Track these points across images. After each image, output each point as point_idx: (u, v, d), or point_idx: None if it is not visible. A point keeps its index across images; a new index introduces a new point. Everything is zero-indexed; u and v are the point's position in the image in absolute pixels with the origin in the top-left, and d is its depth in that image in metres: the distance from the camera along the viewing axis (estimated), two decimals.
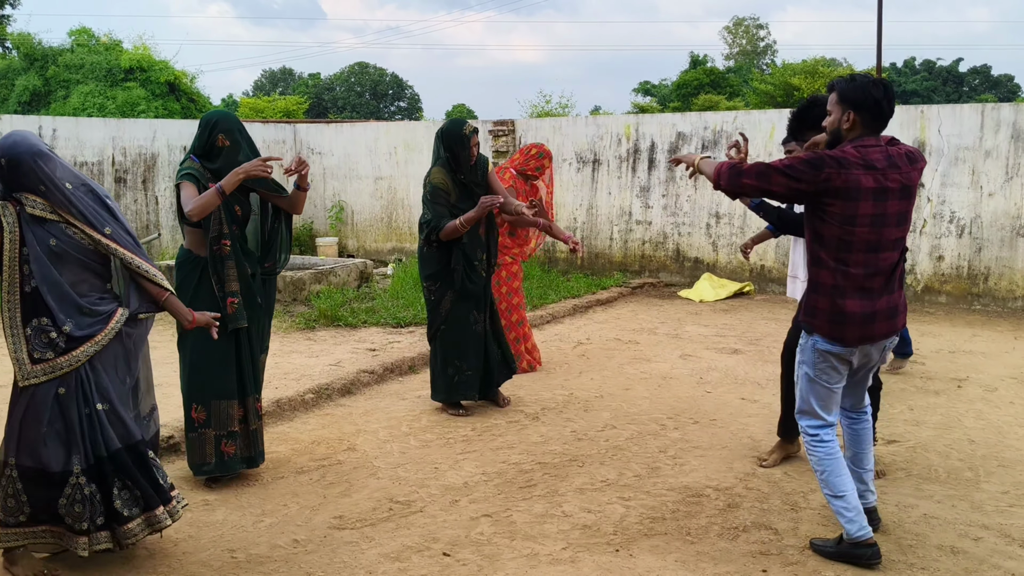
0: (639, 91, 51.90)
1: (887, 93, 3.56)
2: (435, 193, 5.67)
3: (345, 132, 14.47)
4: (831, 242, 3.55)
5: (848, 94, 3.58)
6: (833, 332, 3.61)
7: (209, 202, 4.22)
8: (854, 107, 3.57)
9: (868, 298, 3.58)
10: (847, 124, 3.60)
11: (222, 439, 4.52)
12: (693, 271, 11.44)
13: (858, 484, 3.91)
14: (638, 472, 4.82)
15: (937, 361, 7.36)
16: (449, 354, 5.84)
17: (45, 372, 3.49)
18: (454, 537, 3.99)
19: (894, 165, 3.53)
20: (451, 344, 5.83)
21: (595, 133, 11.97)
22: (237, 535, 4.02)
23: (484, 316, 5.92)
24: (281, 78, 68.44)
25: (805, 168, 3.49)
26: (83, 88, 26.33)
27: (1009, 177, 9.50)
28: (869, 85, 3.56)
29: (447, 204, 5.66)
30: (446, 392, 5.89)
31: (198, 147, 4.47)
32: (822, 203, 3.52)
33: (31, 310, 3.47)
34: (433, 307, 5.87)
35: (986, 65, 61.19)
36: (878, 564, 3.68)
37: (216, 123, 4.43)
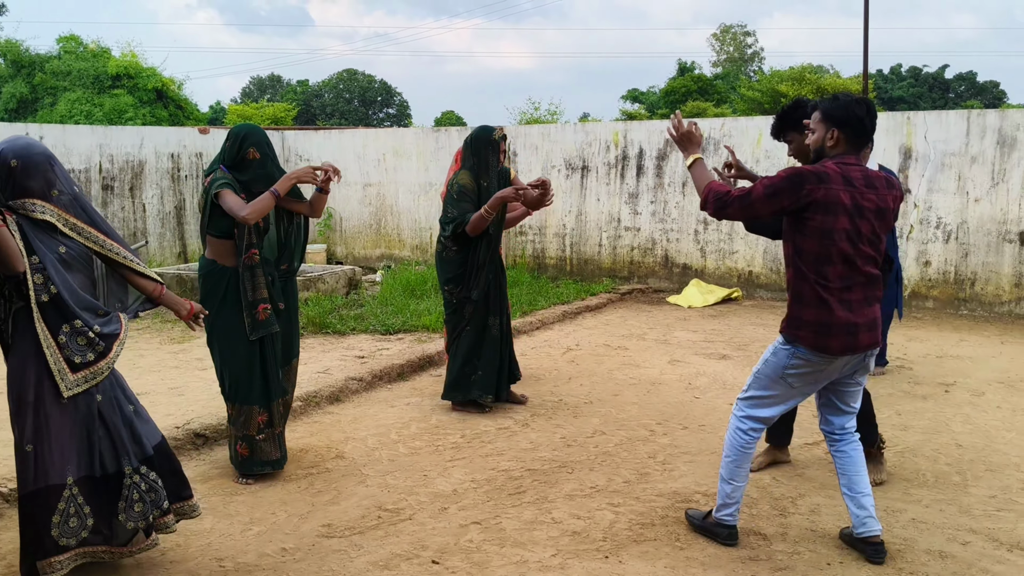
0: (627, 98, 52.05)
1: (869, 111, 3.68)
2: (461, 192, 5.84)
3: (333, 139, 14.46)
4: (810, 255, 3.62)
5: (832, 112, 3.68)
6: (818, 342, 3.64)
7: (267, 204, 4.46)
8: (838, 125, 3.67)
9: (849, 310, 3.64)
10: (831, 142, 3.69)
11: (239, 440, 4.69)
12: (681, 277, 11.46)
13: (858, 511, 3.84)
14: (627, 478, 4.82)
15: (924, 366, 7.39)
16: (469, 355, 5.99)
17: (87, 379, 3.40)
18: (443, 544, 3.98)
19: (871, 185, 3.63)
20: (470, 346, 5.98)
21: (584, 140, 11.99)
22: (225, 543, 3.99)
23: (500, 320, 6.05)
24: (269, 85, 68.36)
25: (786, 187, 3.57)
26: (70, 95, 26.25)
27: (995, 183, 9.56)
28: (852, 104, 3.67)
29: (473, 204, 5.82)
30: (464, 391, 6.03)
31: (228, 159, 4.61)
32: (803, 217, 3.60)
33: (57, 318, 3.35)
34: (455, 310, 6.00)
35: (972, 72, 61.68)
36: (734, 545, 3.94)
37: (246, 136, 4.62)
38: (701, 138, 4.00)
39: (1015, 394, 6.52)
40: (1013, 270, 9.55)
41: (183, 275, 10.20)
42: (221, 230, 4.54)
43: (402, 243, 13.67)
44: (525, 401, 6.29)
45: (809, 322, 3.65)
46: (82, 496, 3.44)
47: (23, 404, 3.36)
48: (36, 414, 3.36)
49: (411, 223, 13.56)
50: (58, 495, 3.38)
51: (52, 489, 3.37)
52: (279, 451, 4.80)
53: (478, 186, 5.89)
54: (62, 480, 3.39)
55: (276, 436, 4.77)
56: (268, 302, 4.60)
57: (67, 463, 3.40)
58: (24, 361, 3.35)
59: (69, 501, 3.40)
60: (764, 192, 3.61)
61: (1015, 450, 5.24)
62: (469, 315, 5.95)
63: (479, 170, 5.91)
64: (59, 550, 3.39)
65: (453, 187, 5.90)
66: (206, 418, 5.53)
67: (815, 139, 3.74)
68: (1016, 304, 9.58)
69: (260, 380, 4.66)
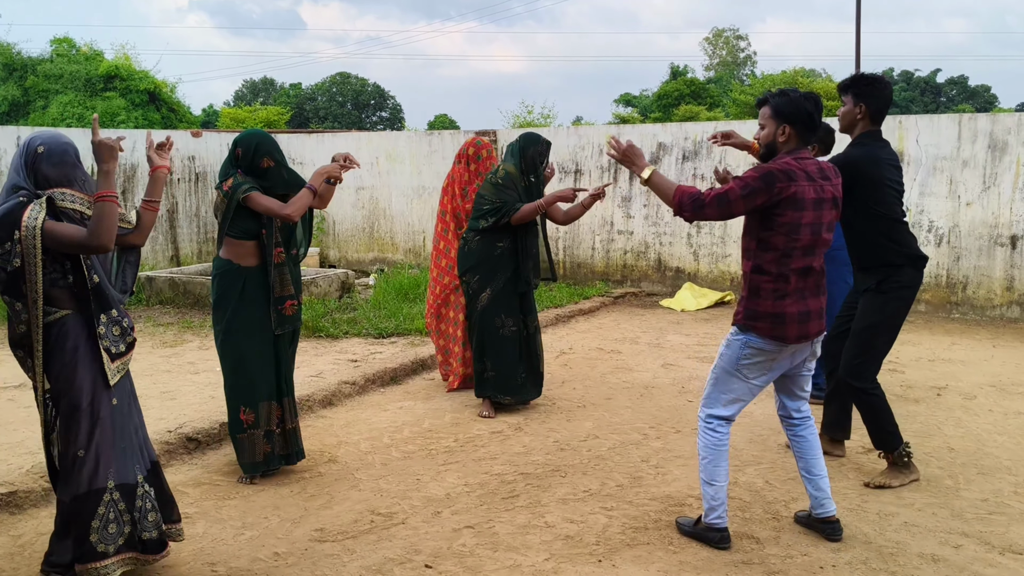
0: (620, 102, 52.11)
1: (817, 106, 3.82)
2: (507, 178, 5.98)
3: (326, 142, 14.44)
4: (776, 250, 3.76)
5: (783, 108, 3.80)
6: (775, 332, 3.78)
7: (307, 200, 4.64)
8: (789, 121, 3.78)
9: (803, 299, 3.81)
10: (783, 137, 3.81)
11: (263, 437, 4.74)
12: (675, 281, 11.48)
13: (816, 492, 4.05)
14: (621, 482, 4.82)
15: (916, 369, 7.41)
16: (477, 351, 6.10)
17: (119, 370, 3.47)
18: (436, 549, 3.98)
19: (825, 176, 3.81)
20: (479, 342, 6.07)
21: (577, 143, 12.00)
22: (217, 548, 3.98)
23: (519, 320, 6.11)
24: (262, 88, 68.24)
25: (760, 185, 3.68)
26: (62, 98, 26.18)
27: (986, 187, 9.59)
28: (802, 100, 3.79)
29: (517, 194, 5.95)
30: (481, 388, 6.14)
31: (243, 167, 4.69)
32: (772, 214, 3.72)
33: (98, 308, 3.40)
34: (470, 299, 6.12)
35: (963, 76, 61.88)
36: (727, 548, 3.93)
37: (258, 147, 4.69)
38: (642, 152, 4.12)
39: (1007, 398, 6.54)
40: (1004, 274, 9.59)
41: (175, 279, 10.17)
42: (244, 231, 4.64)
43: (395, 246, 13.65)
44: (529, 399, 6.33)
45: (766, 314, 3.80)
46: (123, 502, 3.49)
47: (76, 411, 3.37)
48: (91, 418, 3.40)
49: (404, 227, 13.55)
50: (98, 499, 3.42)
51: (96, 493, 3.42)
52: (290, 447, 4.86)
53: (522, 180, 6.02)
54: (103, 484, 3.44)
55: (289, 432, 4.84)
56: (294, 298, 4.75)
57: (109, 467, 3.45)
58: (72, 369, 3.36)
59: (109, 506, 3.45)
60: (741, 192, 3.70)
61: (1007, 454, 5.26)
62: (483, 307, 5.99)
63: (525, 168, 6.04)
64: (97, 556, 3.42)
65: (497, 175, 6.00)
66: (198, 422, 5.52)
67: (766, 134, 3.86)
68: (1007, 308, 9.61)
69: (275, 376, 4.76)
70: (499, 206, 5.88)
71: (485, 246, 5.98)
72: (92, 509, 3.42)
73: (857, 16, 26.63)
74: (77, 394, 3.37)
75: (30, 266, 3.25)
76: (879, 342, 4.71)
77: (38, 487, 4.52)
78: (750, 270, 3.85)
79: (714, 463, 3.95)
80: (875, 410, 4.70)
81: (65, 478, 3.43)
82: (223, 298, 4.69)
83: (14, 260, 3.23)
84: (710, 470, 3.95)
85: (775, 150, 3.85)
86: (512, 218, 5.87)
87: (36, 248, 3.23)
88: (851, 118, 4.74)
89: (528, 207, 5.87)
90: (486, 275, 5.98)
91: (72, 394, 3.37)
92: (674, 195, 3.84)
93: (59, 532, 3.48)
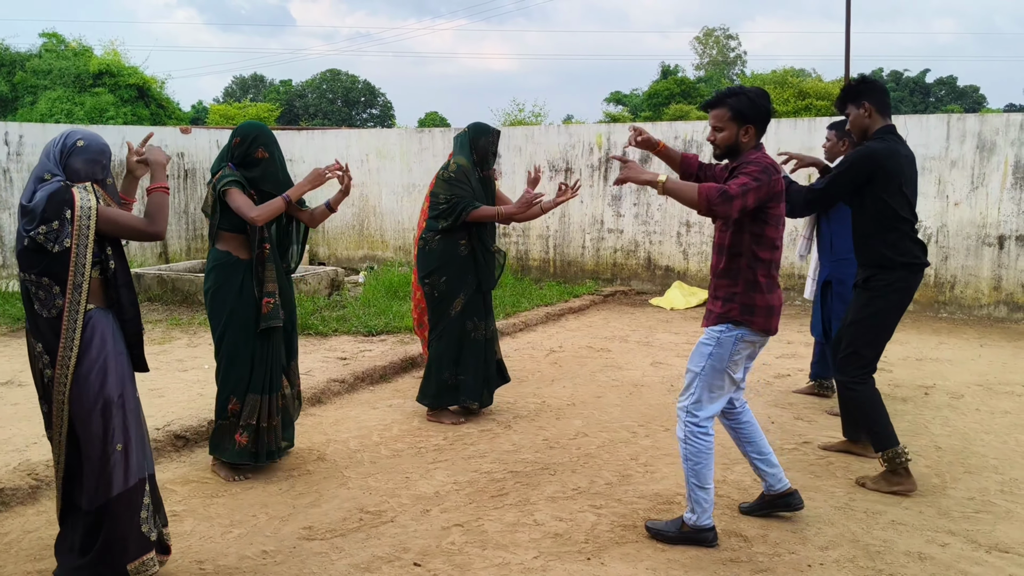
0: (611, 100, 52.14)
1: (770, 102, 3.94)
2: (459, 172, 5.72)
3: (316, 139, 14.41)
4: (768, 242, 3.85)
5: (745, 111, 3.85)
6: (767, 325, 3.89)
7: (276, 209, 4.60)
8: (752, 121, 3.86)
9: (777, 290, 3.97)
10: (746, 137, 3.89)
11: (244, 430, 4.72)
12: (664, 279, 11.50)
13: (771, 469, 4.19)
14: (609, 480, 4.83)
15: (904, 368, 7.44)
16: (445, 357, 5.81)
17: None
18: (425, 547, 3.97)
19: (778, 171, 3.89)
20: (449, 349, 5.80)
21: (567, 142, 12.01)
22: (205, 546, 3.97)
23: (484, 323, 5.89)
24: (252, 85, 68.02)
25: (765, 177, 3.75)
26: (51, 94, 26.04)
27: (975, 187, 9.64)
28: (760, 97, 3.88)
29: (471, 189, 5.70)
30: (434, 396, 5.84)
31: (236, 157, 4.72)
32: (766, 207, 3.80)
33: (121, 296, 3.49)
34: (437, 306, 5.80)
35: (952, 76, 62.11)
36: (717, 544, 3.96)
37: (256, 137, 4.71)
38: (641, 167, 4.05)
39: (994, 397, 6.57)
40: (992, 273, 9.64)
41: (163, 275, 10.13)
42: (234, 224, 4.66)
43: (385, 244, 13.64)
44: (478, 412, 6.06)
45: (761, 307, 3.87)
46: (149, 495, 3.51)
47: (109, 406, 3.36)
48: (123, 410, 3.41)
49: (394, 224, 13.54)
50: (143, 490, 3.45)
51: (139, 484, 3.44)
52: (275, 443, 4.84)
53: (475, 174, 5.79)
54: (142, 475, 3.46)
55: (274, 428, 4.82)
56: (273, 296, 4.72)
57: (142, 458, 3.48)
58: (103, 363, 3.36)
59: (148, 495, 3.49)
60: (754, 183, 3.72)
61: (993, 452, 5.29)
62: (456, 313, 5.77)
63: (477, 159, 5.81)
64: (147, 547, 3.44)
65: (448, 168, 5.76)
66: (186, 420, 5.50)
67: (725, 136, 3.90)
68: (995, 307, 9.66)
69: (265, 371, 4.75)
70: (455, 202, 5.65)
71: (448, 246, 5.73)
72: (139, 501, 3.42)
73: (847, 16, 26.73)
74: (111, 388, 3.37)
75: (81, 247, 3.25)
76: (861, 339, 4.71)
77: (25, 484, 4.49)
78: (745, 265, 3.86)
79: (707, 466, 3.91)
80: (857, 405, 4.73)
81: (97, 478, 3.36)
82: (222, 289, 4.68)
83: (64, 240, 3.22)
84: (704, 474, 3.91)
85: (738, 149, 3.90)
86: (469, 217, 5.64)
87: (90, 229, 3.25)
88: (861, 122, 4.74)
89: (485, 211, 5.64)
90: (456, 277, 5.74)
91: (106, 388, 3.35)
92: (699, 194, 3.71)
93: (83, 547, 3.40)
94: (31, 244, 3.22)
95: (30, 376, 3.55)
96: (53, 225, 3.20)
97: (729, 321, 3.90)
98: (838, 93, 4.90)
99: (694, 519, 3.95)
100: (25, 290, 3.34)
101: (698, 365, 3.93)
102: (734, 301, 3.89)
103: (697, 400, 3.94)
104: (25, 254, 3.26)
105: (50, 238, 3.20)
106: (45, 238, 3.20)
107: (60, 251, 3.22)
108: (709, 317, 3.98)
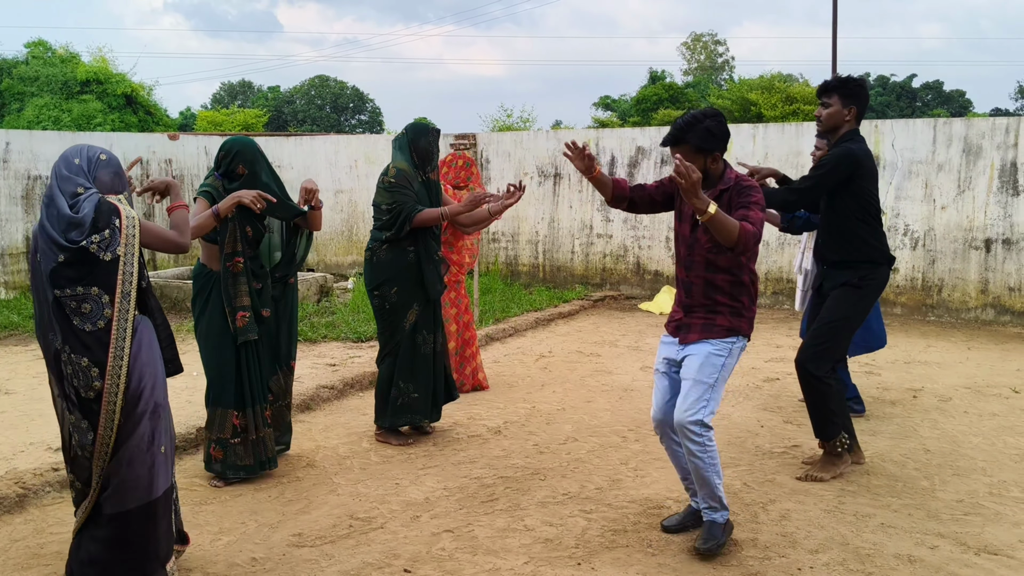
0: (599, 106, 52.15)
1: (724, 121, 3.93)
2: (399, 177, 5.34)
3: (305, 145, 14.38)
4: (754, 256, 4.00)
5: (711, 143, 3.83)
6: (750, 332, 4.05)
7: (203, 224, 4.50)
8: (718, 148, 3.88)
9: None
10: (715, 164, 3.90)
11: (212, 443, 4.75)
12: (653, 284, 11.52)
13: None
14: (600, 485, 4.82)
15: (892, 371, 7.46)
16: (399, 374, 5.47)
17: None
18: (415, 553, 3.96)
19: None
20: (402, 364, 5.46)
21: (556, 147, 12.02)
22: (194, 553, 3.95)
23: (433, 336, 5.56)
24: (240, 91, 67.86)
25: (763, 200, 3.87)
26: (38, 101, 25.92)
27: (961, 191, 9.69)
28: (719, 124, 3.85)
29: (413, 193, 5.36)
30: (392, 416, 5.51)
31: (222, 169, 4.76)
32: None
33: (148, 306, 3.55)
34: (388, 319, 5.46)
35: (938, 81, 62.38)
36: None
37: (237, 154, 4.73)
38: None
39: (982, 399, 6.60)
40: (979, 276, 9.69)
41: (152, 282, 10.08)
42: (207, 235, 4.65)
43: None
44: (431, 431, 5.75)
45: (752, 317, 4.03)
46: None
47: (158, 409, 3.45)
48: (167, 413, 3.54)
49: None
50: (175, 488, 3.60)
51: (174, 484, 3.59)
52: (253, 458, 4.78)
53: (417, 176, 5.44)
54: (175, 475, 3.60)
55: (251, 442, 4.76)
56: (248, 310, 4.69)
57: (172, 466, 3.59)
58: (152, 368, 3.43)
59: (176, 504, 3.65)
60: (762, 212, 3.81)
61: (982, 455, 5.31)
62: (410, 324, 5.44)
63: (420, 162, 5.45)
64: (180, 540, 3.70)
65: (388, 174, 5.38)
66: (175, 427, 5.46)
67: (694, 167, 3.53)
68: (982, 310, 9.71)
69: (235, 384, 4.72)
70: (397, 210, 5.30)
71: (396, 255, 5.39)
72: (173, 500, 3.58)
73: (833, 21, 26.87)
74: (159, 392, 3.45)
75: (129, 256, 3.30)
76: (846, 335, 4.89)
77: (12, 493, 4.46)
78: (749, 281, 3.96)
79: (719, 461, 3.97)
80: (826, 398, 4.79)
81: (138, 481, 3.36)
82: (195, 300, 4.78)
83: (115, 248, 3.26)
84: (719, 468, 3.96)
85: (710, 178, 3.89)
86: (412, 222, 5.30)
87: (135, 239, 3.32)
88: (839, 119, 4.82)
89: (429, 214, 5.33)
90: (408, 288, 5.41)
91: (155, 392, 3.43)
92: (740, 236, 3.61)
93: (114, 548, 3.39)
94: (76, 256, 3.21)
95: (16, 384, 3.54)
96: (105, 234, 3.24)
97: (740, 333, 3.97)
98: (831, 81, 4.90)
99: (727, 513, 4.01)
100: (59, 309, 3.27)
101: (711, 376, 3.88)
102: (743, 316, 3.96)
103: (712, 411, 3.90)
104: (64, 269, 3.23)
105: (102, 246, 3.24)
106: (98, 246, 3.23)
107: (111, 259, 3.26)
108: (711, 330, 3.92)
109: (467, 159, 6.88)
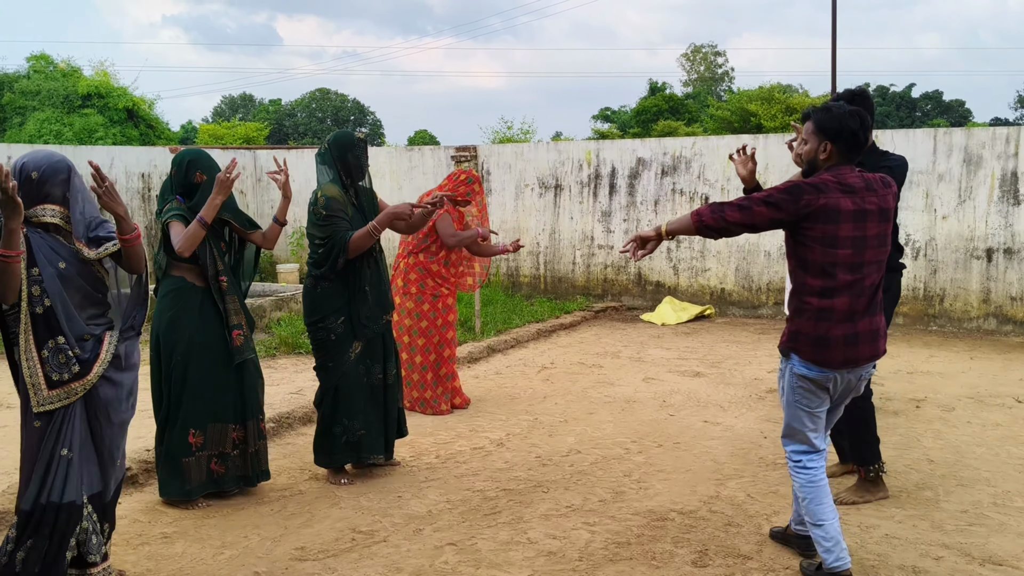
0: (599, 117, 52.28)
1: (863, 124, 3.60)
2: (330, 206, 4.82)
3: (306, 157, 14.36)
4: (815, 267, 3.57)
5: (825, 124, 3.60)
6: (816, 356, 3.59)
7: (195, 234, 4.41)
8: (831, 138, 3.59)
9: (851, 321, 3.58)
10: (824, 155, 3.62)
11: (213, 458, 4.68)
12: (655, 295, 11.51)
13: None
14: (603, 497, 4.81)
15: (895, 382, 7.45)
16: (341, 409, 4.99)
17: (60, 398, 3.42)
18: (418, 567, 3.95)
19: (871, 188, 3.58)
20: (344, 398, 4.99)
21: (556, 159, 12.04)
22: (197, 568, 3.93)
23: (381, 367, 5.10)
24: (241, 104, 68.06)
25: (785, 198, 3.52)
26: (39, 115, 25.97)
27: (962, 200, 9.70)
28: (846, 116, 3.58)
29: (347, 219, 4.88)
30: (328, 454, 5.05)
31: (178, 186, 4.66)
32: (802, 229, 3.55)
33: (45, 331, 3.39)
34: (331, 353, 4.98)
35: (938, 91, 62.51)
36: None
37: (192, 162, 4.63)
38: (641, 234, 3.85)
39: (984, 409, 6.59)
40: (981, 286, 9.68)
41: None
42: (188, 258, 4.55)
43: None
44: (398, 464, 5.36)
45: (808, 335, 3.60)
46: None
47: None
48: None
49: (385, 243, 13.48)
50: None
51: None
52: (251, 469, 4.79)
53: (348, 197, 4.96)
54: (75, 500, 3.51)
55: (249, 455, 4.76)
56: (241, 328, 4.67)
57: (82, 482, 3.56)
58: None
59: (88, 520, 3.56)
60: (764, 198, 3.56)
61: (986, 465, 5.29)
62: (355, 354, 4.97)
63: (347, 178, 4.99)
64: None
65: (317, 203, 4.86)
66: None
67: (808, 150, 3.66)
68: (984, 320, 9.70)
69: (237, 397, 4.70)
70: (330, 245, 4.82)
71: (339, 286, 4.94)
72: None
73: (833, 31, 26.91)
74: None
75: None
76: None
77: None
78: (795, 291, 3.68)
79: (816, 502, 3.67)
80: (868, 421, 4.69)
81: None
82: (180, 316, 4.58)
83: None
84: (813, 510, 3.67)
85: (816, 166, 3.68)
86: (348, 254, 4.82)
87: None
88: None
89: (359, 237, 4.80)
90: (351, 316, 4.97)
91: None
92: (692, 216, 3.62)
93: None
94: None
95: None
96: None
97: (779, 349, 3.78)
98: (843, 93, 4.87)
99: (825, 562, 3.66)
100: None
101: (781, 394, 3.82)
102: (785, 328, 3.76)
103: (783, 431, 3.81)
104: None
105: None
106: None
107: None
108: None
109: (472, 175, 6.71)
